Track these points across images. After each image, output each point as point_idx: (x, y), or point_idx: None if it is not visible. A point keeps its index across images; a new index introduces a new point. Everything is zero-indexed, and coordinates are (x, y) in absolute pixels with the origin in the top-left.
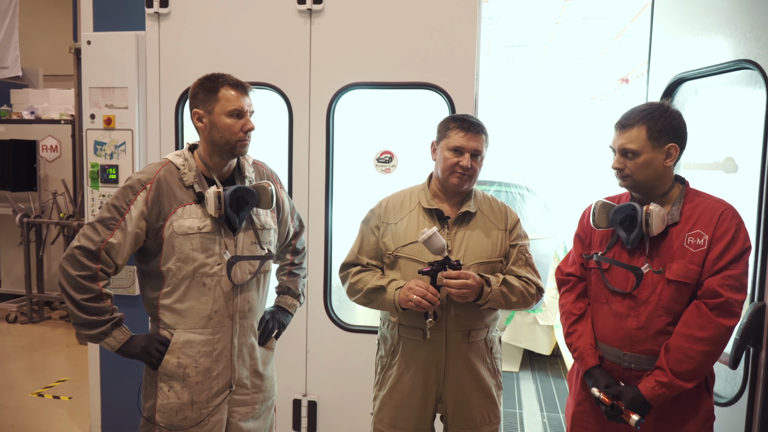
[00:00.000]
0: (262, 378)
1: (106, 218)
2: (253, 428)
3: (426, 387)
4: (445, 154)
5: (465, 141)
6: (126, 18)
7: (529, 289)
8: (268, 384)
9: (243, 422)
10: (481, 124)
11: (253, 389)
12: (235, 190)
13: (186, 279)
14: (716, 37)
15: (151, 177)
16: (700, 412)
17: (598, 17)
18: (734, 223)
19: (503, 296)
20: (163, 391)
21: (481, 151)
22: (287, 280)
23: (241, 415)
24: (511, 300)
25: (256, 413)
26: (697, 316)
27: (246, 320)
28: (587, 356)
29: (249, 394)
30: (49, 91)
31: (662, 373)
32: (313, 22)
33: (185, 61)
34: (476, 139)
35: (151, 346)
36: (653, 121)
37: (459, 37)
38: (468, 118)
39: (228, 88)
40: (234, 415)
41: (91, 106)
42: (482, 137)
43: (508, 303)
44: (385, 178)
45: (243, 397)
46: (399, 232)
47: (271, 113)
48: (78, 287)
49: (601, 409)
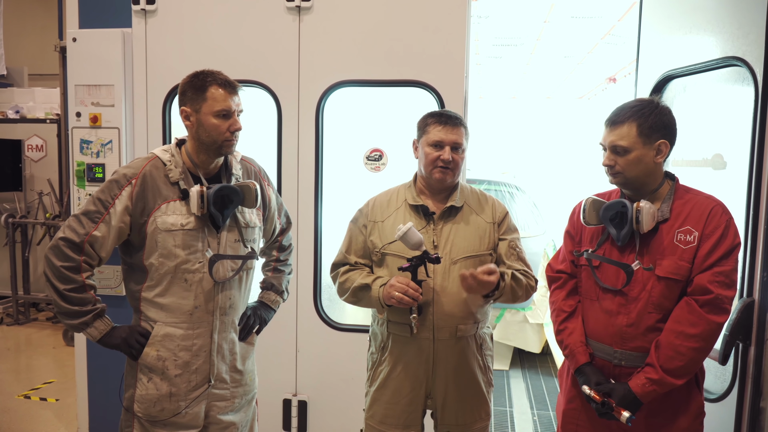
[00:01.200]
0: (242, 373)
1: (91, 211)
2: (233, 421)
3: (415, 383)
4: (426, 150)
5: (444, 134)
6: (112, 15)
7: (530, 282)
8: (247, 378)
9: (222, 415)
10: (459, 117)
11: (233, 384)
12: (219, 188)
13: (168, 274)
14: (704, 34)
15: (136, 172)
16: (690, 408)
17: (587, 16)
18: (724, 219)
19: (512, 290)
20: (142, 382)
21: (461, 143)
22: (272, 276)
23: (221, 408)
24: (517, 294)
25: (236, 407)
26: (687, 312)
27: (227, 317)
28: (578, 353)
29: (228, 389)
30: (34, 90)
31: (653, 370)
32: (301, 19)
33: (172, 59)
34: (455, 132)
35: (132, 337)
36: (644, 117)
37: (448, 34)
38: (445, 112)
39: (216, 87)
40: (213, 409)
41: (77, 104)
42: (461, 129)
43: (514, 297)
44: (374, 177)
45: (222, 391)
46: (386, 230)
47: (260, 111)
48: (62, 277)
49: (592, 407)
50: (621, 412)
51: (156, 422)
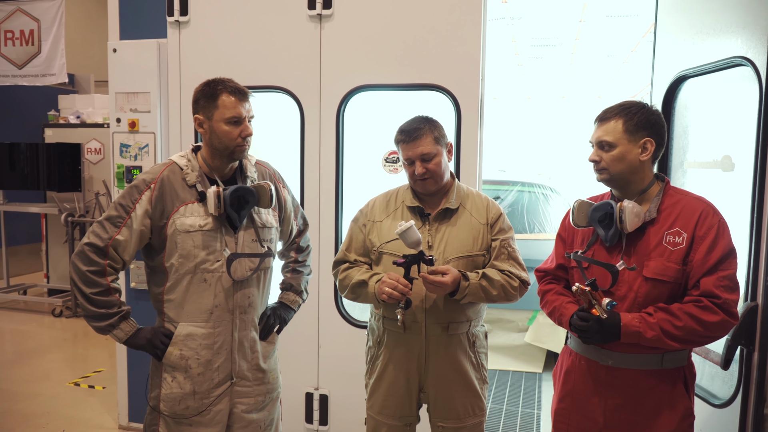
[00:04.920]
0: (264, 371)
1: (113, 216)
2: (258, 419)
3: (408, 377)
4: (404, 166)
5: (410, 151)
6: (149, 27)
7: (512, 282)
8: (270, 377)
9: (247, 413)
10: (418, 128)
11: (255, 381)
12: (235, 189)
13: (188, 274)
14: (715, 34)
15: (154, 177)
16: (677, 408)
17: (622, 15)
18: (716, 220)
19: (483, 290)
20: (167, 382)
21: (428, 152)
22: (291, 277)
23: (245, 406)
24: (491, 294)
25: (260, 405)
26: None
27: (246, 315)
28: (565, 309)
29: (251, 386)
30: (93, 96)
31: (648, 316)
32: (323, 26)
33: (203, 66)
34: (417, 145)
35: (156, 338)
36: (630, 114)
37: (464, 38)
38: (405, 127)
39: (227, 94)
40: (238, 406)
41: (117, 111)
42: (423, 140)
43: (488, 296)
44: (393, 178)
45: (245, 389)
46: (384, 230)
47: (283, 115)
48: (88, 282)
49: (574, 325)
50: (601, 300)
51: (181, 420)
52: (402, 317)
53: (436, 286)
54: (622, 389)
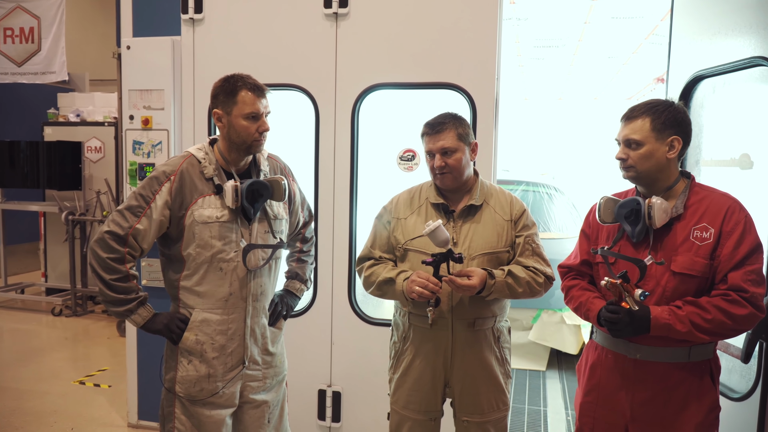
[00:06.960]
0: (273, 355)
1: (133, 206)
2: (266, 399)
3: (434, 372)
4: (426, 159)
5: (432, 144)
6: (163, 24)
7: (537, 278)
8: (278, 360)
9: (255, 395)
10: (442, 122)
11: (264, 365)
12: (251, 183)
13: (204, 264)
14: (732, 35)
15: (174, 169)
16: (704, 401)
17: (627, 16)
18: (742, 216)
19: (508, 287)
20: (183, 365)
21: (450, 146)
22: (296, 266)
23: (254, 388)
24: (516, 291)
25: (268, 387)
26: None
27: (258, 303)
28: (591, 304)
29: (260, 370)
30: (94, 95)
31: (678, 309)
32: (338, 25)
33: (218, 64)
34: (439, 138)
35: (173, 323)
36: (657, 113)
37: (479, 38)
38: (431, 120)
39: (246, 91)
40: (247, 389)
41: (130, 108)
42: (445, 134)
43: (513, 293)
44: (407, 176)
45: (255, 372)
46: (408, 227)
47: (299, 113)
48: (107, 268)
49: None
50: (633, 292)
51: (196, 401)
52: (433, 315)
53: (464, 290)
54: (650, 383)
